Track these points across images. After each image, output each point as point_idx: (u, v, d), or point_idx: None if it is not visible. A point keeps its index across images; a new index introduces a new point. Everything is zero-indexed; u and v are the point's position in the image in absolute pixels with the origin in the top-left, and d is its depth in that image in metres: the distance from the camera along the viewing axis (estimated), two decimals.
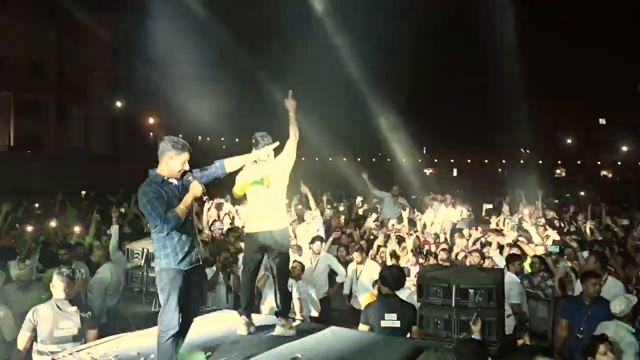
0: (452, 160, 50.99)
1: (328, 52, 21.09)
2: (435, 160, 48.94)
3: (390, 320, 5.26)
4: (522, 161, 43.29)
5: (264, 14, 26.29)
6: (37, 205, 11.73)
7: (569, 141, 49.66)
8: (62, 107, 28.75)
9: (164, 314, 4.07)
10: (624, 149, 47.87)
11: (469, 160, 52.18)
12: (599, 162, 50.31)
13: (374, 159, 46.92)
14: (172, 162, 4.15)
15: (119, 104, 31.27)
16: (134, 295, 6.04)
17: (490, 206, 12.36)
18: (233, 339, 4.93)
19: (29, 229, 8.01)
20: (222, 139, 42.40)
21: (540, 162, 46.97)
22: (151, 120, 38.99)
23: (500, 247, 8.27)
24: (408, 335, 5.25)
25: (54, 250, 6.91)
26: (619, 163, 49.78)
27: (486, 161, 50.81)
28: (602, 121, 44.47)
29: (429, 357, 4.63)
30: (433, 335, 4.76)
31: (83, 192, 13.58)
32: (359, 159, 44.45)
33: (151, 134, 40.93)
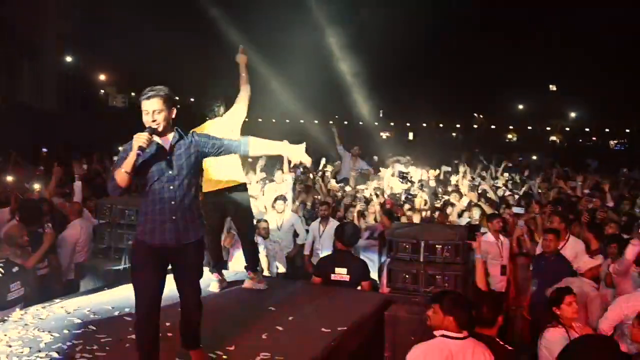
0: (407, 124, 51.57)
1: (296, 18, 20.84)
2: (392, 124, 49.36)
3: (339, 274, 5.45)
4: (475, 126, 44.21)
5: None
6: None
7: (520, 107, 50.89)
8: (11, 63, 27.52)
9: None
10: (573, 115, 49.54)
11: (424, 124, 52.88)
12: (548, 128, 51.91)
13: (330, 121, 47.02)
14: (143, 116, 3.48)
15: (69, 59, 30.14)
16: (103, 252, 6.01)
17: (448, 169, 12.67)
18: (205, 295, 4.99)
19: None
20: (176, 98, 41.46)
21: (493, 127, 48.18)
22: (102, 77, 37.79)
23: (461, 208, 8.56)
24: (359, 288, 5.44)
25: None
26: (567, 129, 51.54)
27: (441, 125, 51.61)
28: (553, 87, 45.70)
29: (397, 309, 4.83)
30: (401, 289, 4.97)
31: (44, 150, 13.17)
32: (315, 121, 44.46)
33: (102, 90, 39.70)
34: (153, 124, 3.42)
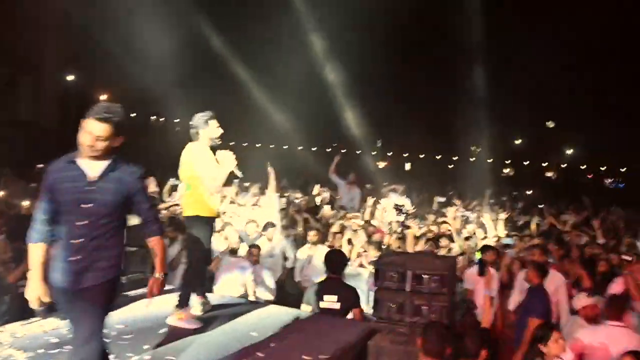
0: (405, 155, 51.69)
1: (293, 45, 21.07)
2: (389, 154, 49.47)
3: (330, 302, 5.38)
4: (472, 159, 44.28)
5: None
6: None
7: (518, 142, 51.12)
8: (12, 80, 27.72)
9: None
10: (569, 152, 49.78)
11: (421, 156, 52.98)
12: (544, 164, 52.04)
13: (328, 150, 47.15)
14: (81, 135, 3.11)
15: (70, 77, 30.27)
16: None
17: (442, 199, 12.65)
18: None
19: None
20: (176, 120, 41.63)
21: (490, 160, 48.26)
22: (104, 96, 37.94)
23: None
24: (350, 316, 5.36)
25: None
26: (563, 166, 51.72)
27: (438, 157, 51.71)
28: (550, 124, 45.99)
29: (382, 339, 4.75)
30: (386, 319, 4.88)
31: (39, 166, 13.11)
32: (313, 149, 44.60)
33: None
34: (89, 149, 3.11)
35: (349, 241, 7.74)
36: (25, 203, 7.79)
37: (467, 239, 8.65)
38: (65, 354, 3.88)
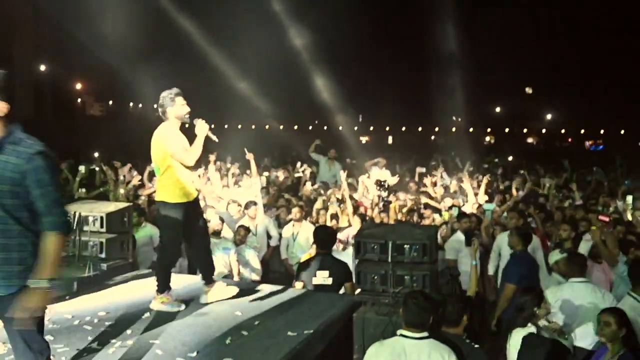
0: (387, 128, 51.81)
1: (268, 20, 20.80)
2: (371, 128, 49.51)
3: (322, 278, 5.38)
4: (454, 129, 44.49)
5: None
6: None
7: (498, 110, 51.43)
8: None
9: None
10: (549, 117, 50.19)
11: (403, 128, 53.14)
12: (525, 130, 52.49)
13: (310, 127, 47.04)
14: None
15: (43, 67, 29.74)
16: (67, 260, 5.85)
17: (423, 170, 12.69)
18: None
19: None
20: (155, 106, 41.15)
21: (471, 129, 48.52)
22: (79, 86, 37.36)
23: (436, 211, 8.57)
24: (342, 292, 5.37)
25: None
26: (544, 131, 52.19)
27: (420, 129, 51.88)
28: (529, 90, 46.28)
29: (366, 311, 4.77)
30: (370, 291, 4.90)
31: None
32: (295, 127, 44.47)
33: (79, 99, 39.25)
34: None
35: (333, 216, 7.73)
36: None
37: (450, 208, 8.70)
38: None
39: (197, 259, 4.94)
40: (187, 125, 4.74)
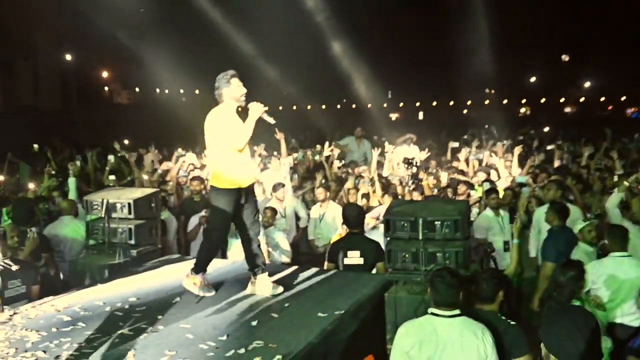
0: (417, 104, 51.06)
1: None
2: (401, 105, 48.91)
3: (354, 258, 5.35)
4: (487, 101, 43.70)
5: None
6: None
7: (533, 79, 50.16)
8: (8, 64, 27.69)
9: None
10: (587, 85, 48.77)
11: (434, 103, 52.37)
12: (562, 100, 51.16)
13: (339, 106, 46.79)
14: None
15: (68, 57, 30.13)
16: (97, 247, 5.97)
17: (456, 144, 12.50)
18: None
19: None
20: (182, 91, 41.49)
21: (505, 101, 47.58)
22: (105, 74, 37.86)
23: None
24: (374, 272, 5.35)
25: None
26: (582, 99, 50.79)
27: (452, 103, 51.07)
28: (565, 57, 44.96)
29: (398, 290, 4.74)
30: (401, 269, 4.86)
31: (35, 146, 13.19)
32: (323, 106, 44.30)
33: (106, 87, 39.80)
34: None
35: (364, 195, 7.68)
36: (31, 186, 7.85)
37: (482, 182, 8.54)
38: (77, 330, 3.94)
39: (244, 247, 4.92)
40: (239, 109, 4.64)
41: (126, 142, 12.86)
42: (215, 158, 4.62)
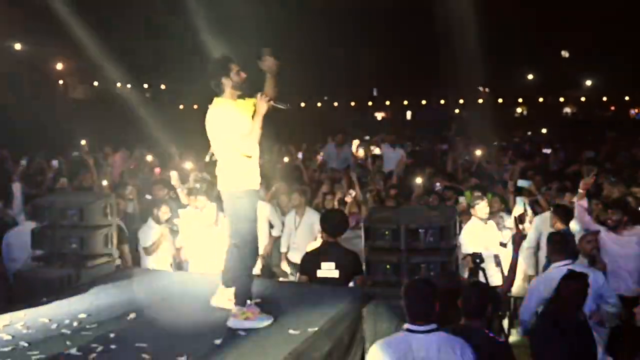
0: (405, 102, 51.23)
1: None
2: (387, 103, 49.16)
3: (327, 270, 5.28)
4: (480, 100, 44.07)
5: None
6: None
7: (530, 77, 50.70)
8: None
9: None
10: (588, 83, 49.48)
11: (423, 102, 52.63)
12: (561, 99, 51.84)
13: (319, 104, 46.87)
14: None
15: (18, 46, 29.76)
16: (43, 259, 5.86)
17: (445, 147, 12.63)
18: (165, 297, 4.91)
19: None
20: (145, 86, 41.21)
21: (500, 100, 48.08)
22: (60, 66, 37.40)
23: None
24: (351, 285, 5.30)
25: None
26: (582, 99, 51.51)
27: (442, 102, 51.39)
28: (565, 54, 45.50)
29: (378, 305, 4.71)
30: (382, 282, 4.83)
31: None
32: (302, 105, 44.36)
33: (60, 81, 39.31)
34: None
35: (340, 201, 7.66)
36: None
37: (473, 188, 8.58)
38: (19, 351, 3.86)
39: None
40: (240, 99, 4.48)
41: (83, 142, 12.70)
42: (229, 159, 4.37)
